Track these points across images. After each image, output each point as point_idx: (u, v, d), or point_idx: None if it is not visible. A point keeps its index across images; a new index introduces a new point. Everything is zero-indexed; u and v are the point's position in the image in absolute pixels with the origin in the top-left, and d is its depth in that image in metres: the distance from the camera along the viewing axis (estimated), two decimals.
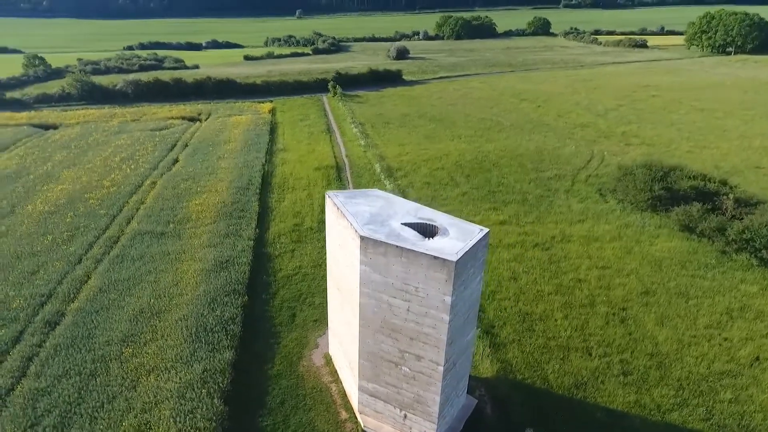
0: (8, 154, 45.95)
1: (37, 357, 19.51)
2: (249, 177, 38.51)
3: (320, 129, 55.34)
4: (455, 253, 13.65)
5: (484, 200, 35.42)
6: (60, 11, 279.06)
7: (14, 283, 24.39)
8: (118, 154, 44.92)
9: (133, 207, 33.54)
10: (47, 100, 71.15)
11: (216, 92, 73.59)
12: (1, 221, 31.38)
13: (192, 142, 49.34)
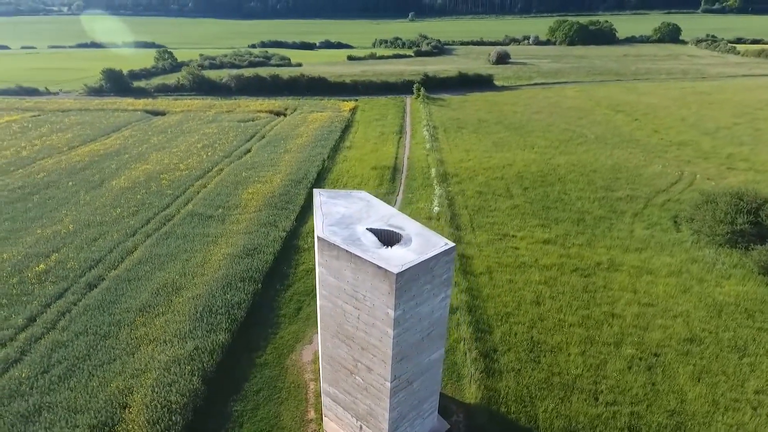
0: (117, 134, 52.46)
1: (69, 314, 22.06)
2: (305, 171, 39.91)
3: (393, 130, 55.61)
4: (401, 264, 12.90)
5: (535, 216, 33.04)
6: (202, 12, 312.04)
7: (76, 247, 27.83)
8: (201, 141, 49.13)
9: (195, 190, 36.47)
10: (165, 90, 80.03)
11: (307, 89, 77.26)
12: (88, 193, 35.95)
13: (269, 134, 52.34)
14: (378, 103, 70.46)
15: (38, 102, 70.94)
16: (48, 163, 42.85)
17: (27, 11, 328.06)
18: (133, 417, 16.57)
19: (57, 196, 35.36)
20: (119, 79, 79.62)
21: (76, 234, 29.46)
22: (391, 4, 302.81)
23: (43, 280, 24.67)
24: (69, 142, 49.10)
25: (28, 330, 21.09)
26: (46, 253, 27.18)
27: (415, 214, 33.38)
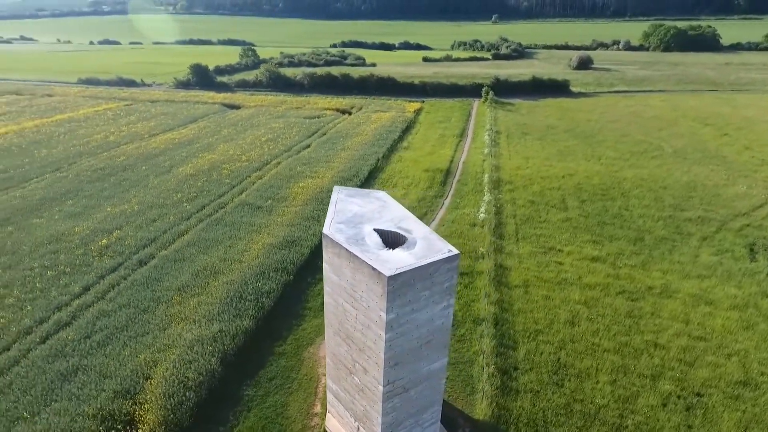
0: (193, 125, 56.23)
1: (118, 286, 23.98)
2: (357, 169, 40.40)
3: (454, 133, 54.77)
4: (395, 267, 12.65)
5: (588, 231, 31.05)
6: (291, 12, 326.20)
7: (136, 226, 30.19)
8: (266, 135, 51.34)
9: (251, 181, 38.19)
10: (244, 85, 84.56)
11: (376, 88, 78.16)
12: (157, 177, 38.87)
13: (331, 131, 53.58)
14: (444, 106, 69.72)
15: (133, 92, 77.80)
16: (129, 148, 46.88)
17: (138, 10, 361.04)
18: (152, 388, 17.66)
19: (130, 178, 38.58)
20: (204, 73, 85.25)
21: (139, 214, 31.97)
22: (473, 6, 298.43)
23: (102, 254, 27.02)
24: (151, 130, 53.37)
25: (82, 298, 23.20)
26: (110, 229, 29.75)
27: (459, 219, 32.67)
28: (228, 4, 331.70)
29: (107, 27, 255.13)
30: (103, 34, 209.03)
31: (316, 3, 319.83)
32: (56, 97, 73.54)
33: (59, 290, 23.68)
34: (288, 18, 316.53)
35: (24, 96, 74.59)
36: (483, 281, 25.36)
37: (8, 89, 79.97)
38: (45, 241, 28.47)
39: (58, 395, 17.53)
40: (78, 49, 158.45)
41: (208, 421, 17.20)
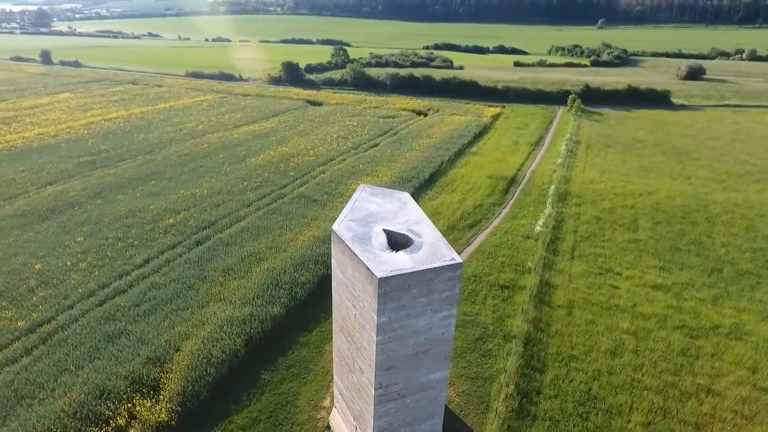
0: (274, 119, 59.28)
1: (172, 263, 25.99)
2: (419, 171, 40.16)
3: (529, 140, 52.47)
4: (389, 270, 12.40)
5: (656, 256, 28.23)
6: (389, 14, 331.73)
7: (202, 209, 32.49)
8: (339, 132, 52.73)
9: (313, 175, 39.46)
10: (330, 83, 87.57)
11: (457, 91, 77.10)
12: (230, 166, 41.52)
13: (402, 132, 53.76)
14: (525, 112, 67.01)
15: (230, 86, 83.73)
16: (213, 137, 50.54)
17: (251, 10, 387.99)
18: (180, 359, 18.92)
19: (207, 165, 41.61)
20: (295, 71, 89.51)
21: (206, 198, 34.38)
22: (578, 10, 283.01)
23: (167, 231, 29.43)
24: (236, 122, 57.12)
25: (141, 269, 25.44)
26: (179, 210, 32.30)
27: (513, 230, 31.25)
28: (330, 5, 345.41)
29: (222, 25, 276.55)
30: (217, 32, 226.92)
31: (414, 5, 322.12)
32: (164, 88, 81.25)
33: (124, 260, 26.17)
34: (386, 20, 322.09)
35: (138, 86, 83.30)
36: (523, 297, 24.05)
37: (127, 79, 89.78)
38: (123, 215, 31.61)
39: (101, 354, 19.40)
40: (193, 45, 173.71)
41: (223, 398, 18.08)
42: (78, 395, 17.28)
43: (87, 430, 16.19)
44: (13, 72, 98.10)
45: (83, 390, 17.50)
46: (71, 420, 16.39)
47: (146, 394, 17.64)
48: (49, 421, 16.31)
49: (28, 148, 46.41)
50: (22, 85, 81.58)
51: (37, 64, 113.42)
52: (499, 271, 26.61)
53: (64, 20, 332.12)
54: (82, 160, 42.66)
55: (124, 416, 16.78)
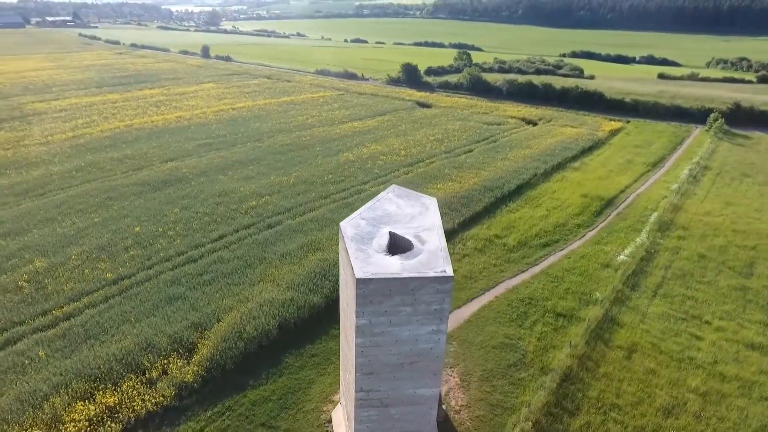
0: (379, 118, 60.77)
1: (242, 241, 28.14)
2: (505, 181, 38.27)
3: (647, 160, 46.93)
4: (370, 272, 12.09)
5: (765, 310, 23.47)
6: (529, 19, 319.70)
7: (283, 196, 34.67)
8: (437, 135, 52.35)
9: (397, 175, 39.71)
10: (446, 87, 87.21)
11: (578, 102, 71.69)
12: (323, 159, 43.60)
13: (502, 140, 51.60)
14: (652, 129, 59.93)
15: (350, 85, 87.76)
16: (317, 130, 53.48)
17: (392, 14, 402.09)
18: (217, 329, 20.49)
19: (302, 156, 44.21)
20: (413, 73, 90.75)
21: (291, 186, 36.57)
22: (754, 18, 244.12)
23: (247, 212, 31.94)
24: (342, 118, 59.76)
25: (215, 243, 28.00)
26: (263, 194, 34.84)
27: (592, 256, 28.29)
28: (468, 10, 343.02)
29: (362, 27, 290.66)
30: (356, 34, 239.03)
31: (557, 10, 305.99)
32: (292, 83, 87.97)
33: (204, 234, 29.02)
34: (525, 25, 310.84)
35: (271, 80, 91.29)
36: (578, 329, 21.69)
37: (264, 74, 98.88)
38: (217, 193, 35.02)
39: (157, 312, 21.80)
40: (330, 45, 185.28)
41: (244, 371, 19.18)
42: (128, 344, 19.65)
43: (126, 375, 18.36)
44: (177, 64, 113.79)
45: (134, 341, 19.85)
46: (117, 364, 18.70)
47: (181, 355, 19.42)
48: (101, 361, 18.79)
49: (166, 128, 53.59)
50: (179, 75, 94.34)
51: (198, 57, 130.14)
52: (561, 297, 24.30)
53: (230, 20, 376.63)
54: (202, 141, 48.12)
55: (158, 370, 18.69)
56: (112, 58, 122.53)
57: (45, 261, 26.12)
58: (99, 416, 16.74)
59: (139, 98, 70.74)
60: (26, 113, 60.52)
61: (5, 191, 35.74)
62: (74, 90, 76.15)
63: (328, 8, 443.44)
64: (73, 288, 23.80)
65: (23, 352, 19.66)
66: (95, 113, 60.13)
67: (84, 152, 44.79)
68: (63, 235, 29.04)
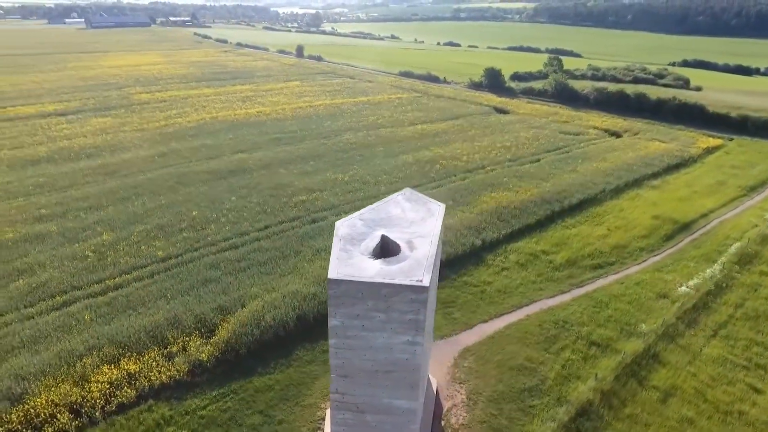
0: (450, 122, 59.76)
1: (283, 233, 29.09)
2: (567, 194, 35.91)
3: (744, 183, 41.57)
4: (344, 273, 11.89)
5: None
6: (639, 25, 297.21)
7: (333, 193, 35.35)
8: (506, 142, 50.39)
9: (453, 180, 38.88)
10: (529, 93, 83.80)
11: (674, 115, 65.25)
12: (383, 159, 43.81)
13: (576, 151, 48.46)
14: (760, 149, 52.88)
15: (429, 87, 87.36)
16: (384, 131, 53.85)
17: (489, 17, 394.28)
18: (239, 314, 21.36)
19: (363, 155, 44.76)
20: (496, 77, 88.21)
21: (343, 184, 37.19)
22: None
23: (296, 206, 32.98)
24: (412, 120, 59.62)
25: (258, 233, 29.26)
26: (315, 190, 35.77)
27: (649, 283, 25.63)
28: (571, 14, 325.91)
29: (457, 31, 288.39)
30: (450, 37, 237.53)
31: (672, 16, 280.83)
32: (373, 84, 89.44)
33: (251, 223, 30.43)
34: (633, 31, 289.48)
35: (354, 80, 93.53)
36: (610, 362, 19.72)
37: (348, 74, 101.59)
38: (273, 186, 36.56)
39: (191, 292, 23.21)
40: (420, 48, 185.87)
41: (256, 358, 19.80)
42: (159, 318, 21.14)
43: (150, 346, 19.76)
44: (272, 62, 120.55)
45: (164, 316, 21.31)
46: (144, 336, 20.19)
47: (203, 334, 20.52)
48: (132, 330, 20.41)
49: (245, 122, 56.99)
50: (270, 72, 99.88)
51: (292, 56, 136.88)
52: (600, 324, 22.26)
53: (331, 22, 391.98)
54: (273, 136, 50.52)
55: (179, 346, 19.90)
56: (216, 55, 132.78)
57: (111, 235, 28.94)
58: (119, 381, 18.18)
59: (230, 93, 75.89)
60: (132, 102, 67.47)
61: (97, 170, 40.11)
62: (176, 83, 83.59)
63: (425, 11, 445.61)
64: (128, 261, 26.09)
65: (73, 314, 21.91)
66: (188, 105, 65.51)
67: (169, 140, 48.97)
68: (132, 213, 31.96)
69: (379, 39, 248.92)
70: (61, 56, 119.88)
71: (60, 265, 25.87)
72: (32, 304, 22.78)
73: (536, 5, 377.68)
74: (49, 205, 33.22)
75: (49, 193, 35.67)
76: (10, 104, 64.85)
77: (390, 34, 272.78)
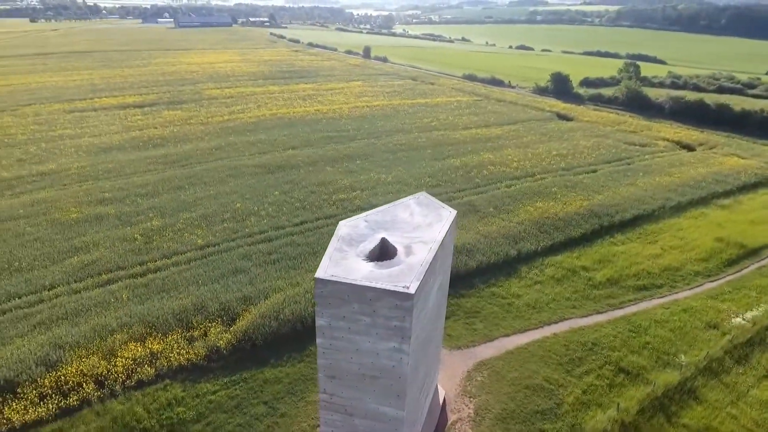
0: (507, 126, 58.00)
1: (317, 230, 29.51)
2: (620, 209, 33.68)
3: None
4: (331, 274, 11.81)
5: None
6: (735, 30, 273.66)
7: (373, 192, 35.42)
8: (561, 150, 48.13)
9: (498, 187, 37.63)
10: (597, 100, 79.65)
11: (760, 128, 59.31)
12: (428, 162, 43.29)
13: (638, 164, 45.32)
14: None
15: (492, 91, 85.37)
16: (435, 134, 53.21)
17: (567, 20, 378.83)
18: (260, 305, 21.92)
19: (410, 156, 44.50)
20: (563, 83, 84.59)
21: (385, 185, 37.17)
22: None
23: (334, 204, 33.39)
24: (467, 124, 58.49)
25: (293, 228, 29.92)
26: (355, 189, 36.03)
27: (699, 311, 23.44)
28: (658, 18, 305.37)
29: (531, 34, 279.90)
30: (523, 40, 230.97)
31: None
32: (434, 86, 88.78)
33: (289, 218, 31.18)
34: (727, 36, 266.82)
35: (416, 82, 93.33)
36: (638, 393, 18.20)
37: (411, 75, 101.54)
38: (316, 183, 37.24)
39: (221, 281, 24.13)
40: (490, 51, 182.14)
41: (271, 349, 20.22)
42: (187, 303, 22.17)
43: (175, 329, 20.76)
44: (338, 62, 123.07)
45: (192, 301, 22.32)
46: (171, 318, 21.25)
47: (224, 322, 21.26)
48: (162, 312, 21.55)
49: (302, 119, 58.56)
50: (335, 72, 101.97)
51: (359, 57, 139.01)
52: (633, 351, 20.62)
53: (403, 23, 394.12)
54: (325, 134, 51.50)
55: (200, 331, 20.77)
56: (287, 54, 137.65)
57: (160, 221, 30.76)
58: (142, 358, 19.24)
59: (293, 91, 78.33)
60: (203, 97, 71.46)
61: (159, 160, 42.83)
62: (245, 80, 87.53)
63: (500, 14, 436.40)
64: (170, 247, 27.61)
65: (114, 292, 23.50)
66: (252, 102, 68.36)
67: (229, 134, 51.33)
68: (183, 201, 33.80)
69: (449, 41, 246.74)
70: (148, 53, 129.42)
71: (111, 245, 27.86)
72: (81, 279, 24.71)
73: (619, 8, 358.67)
74: (113, 190, 35.90)
75: (114, 178, 38.57)
76: (97, 96, 70.92)
77: (461, 36, 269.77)
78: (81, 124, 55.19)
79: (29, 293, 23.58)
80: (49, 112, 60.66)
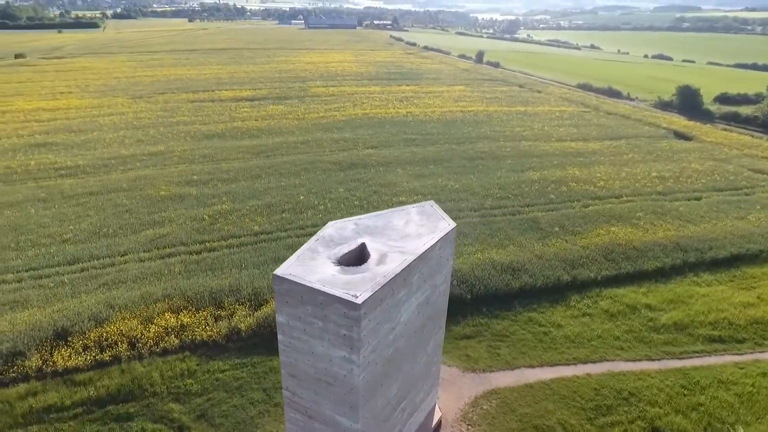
0: (607, 142, 53.01)
1: None
2: (712, 245, 29.00)
3: None
4: (289, 272, 11.76)
5: None
6: None
7: (436, 199, 34.53)
8: (663, 172, 42.73)
9: (572, 205, 34.56)
10: (731, 119, 69.71)
11: None
12: (505, 173, 41.17)
13: (761, 196, 38.63)
14: None
15: (603, 102, 78.73)
16: (524, 144, 50.38)
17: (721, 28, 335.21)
18: None
19: (488, 165, 42.75)
20: (691, 97, 75.13)
21: (451, 192, 36.15)
22: None
23: (390, 205, 33.17)
24: (562, 136, 54.57)
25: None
26: (418, 193, 35.51)
27: None
28: None
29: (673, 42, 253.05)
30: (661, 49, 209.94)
31: None
32: (541, 94, 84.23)
33: (342, 214, 31.70)
34: None
35: (522, 89, 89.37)
36: None
37: (519, 82, 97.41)
38: (381, 183, 37.43)
39: (258, 267, 25.44)
40: (620, 59, 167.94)
41: None
42: (224, 284, 23.65)
43: (207, 306, 22.26)
44: (447, 66, 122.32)
45: (230, 282, 23.75)
46: (207, 296, 22.82)
47: (251, 306, 22.30)
48: (201, 288, 23.25)
49: (391, 120, 59.23)
50: (440, 76, 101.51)
51: (470, 61, 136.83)
52: (679, 411, 17.63)
53: (529, 28, 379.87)
54: (408, 136, 51.53)
55: (228, 311, 22.01)
56: (400, 56, 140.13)
57: (229, 205, 33.19)
58: (172, 329, 20.92)
59: (393, 92, 79.54)
60: (307, 94, 75.65)
61: (248, 150, 46.21)
62: (351, 80, 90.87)
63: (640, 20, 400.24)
64: (229, 230, 29.67)
65: (170, 264, 25.87)
66: (349, 101, 70.74)
67: (317, 130, 53.69)
68: (255, 189, 36.11)
69: (575, 48, 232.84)
70: (273, 51, 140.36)
71: (183, 223, 30.72)
72: (149, 250, 27.59)
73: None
74: (201, 173, 39.53)
75: (206, 162, 42.45)
76: (219, 89, 78.63)
77: (590, 43, 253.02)
78: (197, 113, 61.58)
79: (106, 257, 26.91)
80: (176, 101, 68.63)
